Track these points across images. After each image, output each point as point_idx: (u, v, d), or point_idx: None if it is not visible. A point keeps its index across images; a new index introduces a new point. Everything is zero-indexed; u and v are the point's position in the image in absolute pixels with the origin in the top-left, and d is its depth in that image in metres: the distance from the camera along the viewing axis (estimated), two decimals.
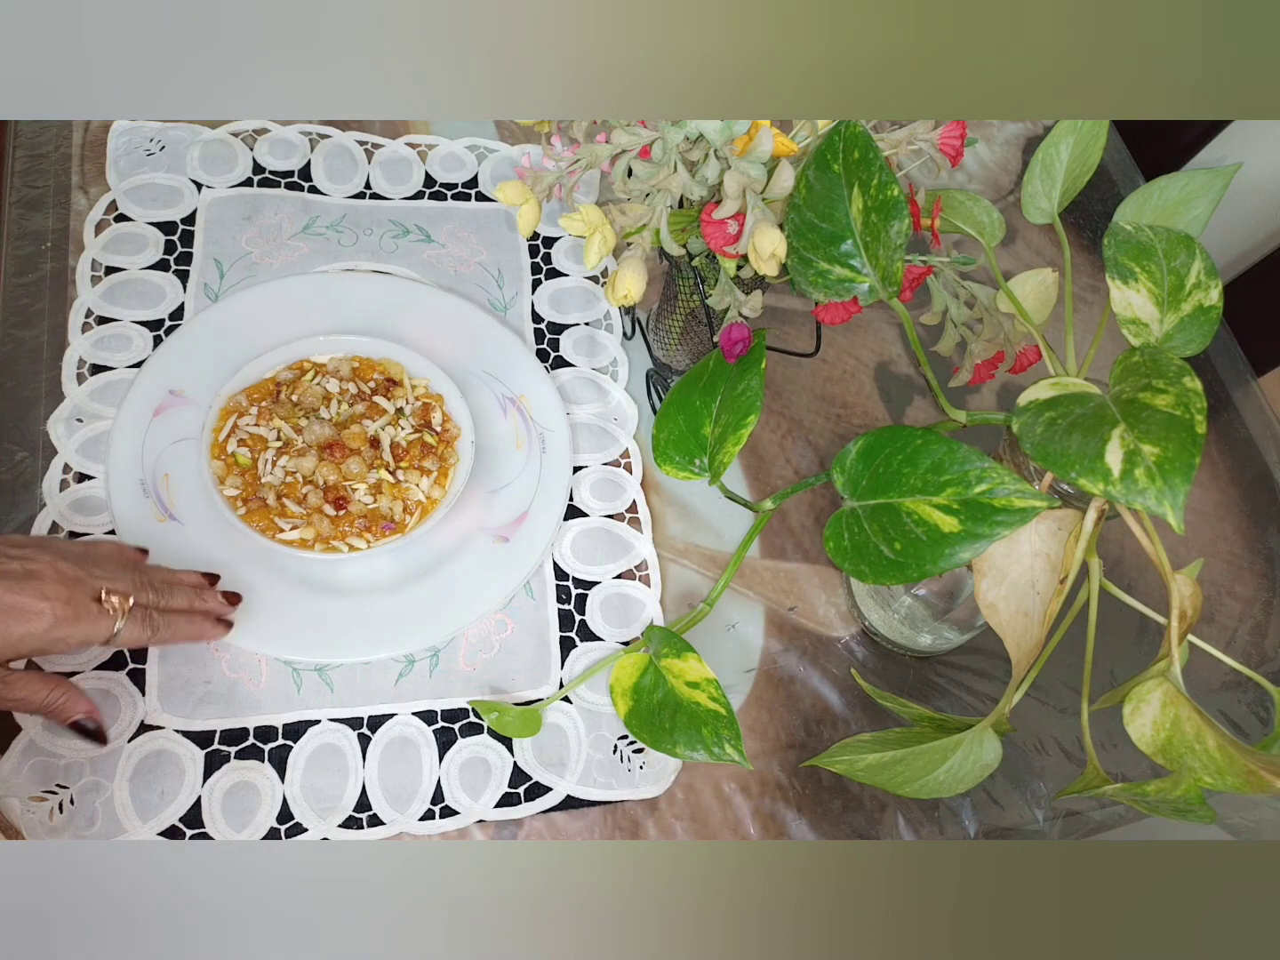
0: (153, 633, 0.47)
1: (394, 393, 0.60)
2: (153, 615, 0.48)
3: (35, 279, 0.62)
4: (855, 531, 0.44)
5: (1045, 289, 0.55)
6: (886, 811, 0.57)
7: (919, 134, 0.50)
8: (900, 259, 0.45)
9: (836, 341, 0.74)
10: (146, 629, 0.47)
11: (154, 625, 0.48)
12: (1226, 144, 0.85)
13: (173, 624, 0.49)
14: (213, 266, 0.65)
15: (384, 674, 0.55)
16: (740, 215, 0.47)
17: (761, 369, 0.51)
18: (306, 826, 0.50)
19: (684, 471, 0.53)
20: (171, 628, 0.49)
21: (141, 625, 0.47)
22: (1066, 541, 0.43)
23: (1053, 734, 0.61)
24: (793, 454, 0.68)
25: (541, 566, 0.60)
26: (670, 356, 0.66)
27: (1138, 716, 0.41)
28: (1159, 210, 0.53)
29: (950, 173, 0.85)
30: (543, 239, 0.72)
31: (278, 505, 0.55)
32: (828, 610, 0.63)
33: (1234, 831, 0.60)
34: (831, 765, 0.48)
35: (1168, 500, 0.35)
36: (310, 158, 0.71)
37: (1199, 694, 0.65)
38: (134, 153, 0.67)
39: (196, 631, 0.50)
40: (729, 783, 0.56)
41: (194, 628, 0.50)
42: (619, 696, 0.51)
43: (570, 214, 0.48)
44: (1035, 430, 0.39)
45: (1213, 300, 0.45)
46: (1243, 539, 0.73)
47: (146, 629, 0.47)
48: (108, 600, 0.46)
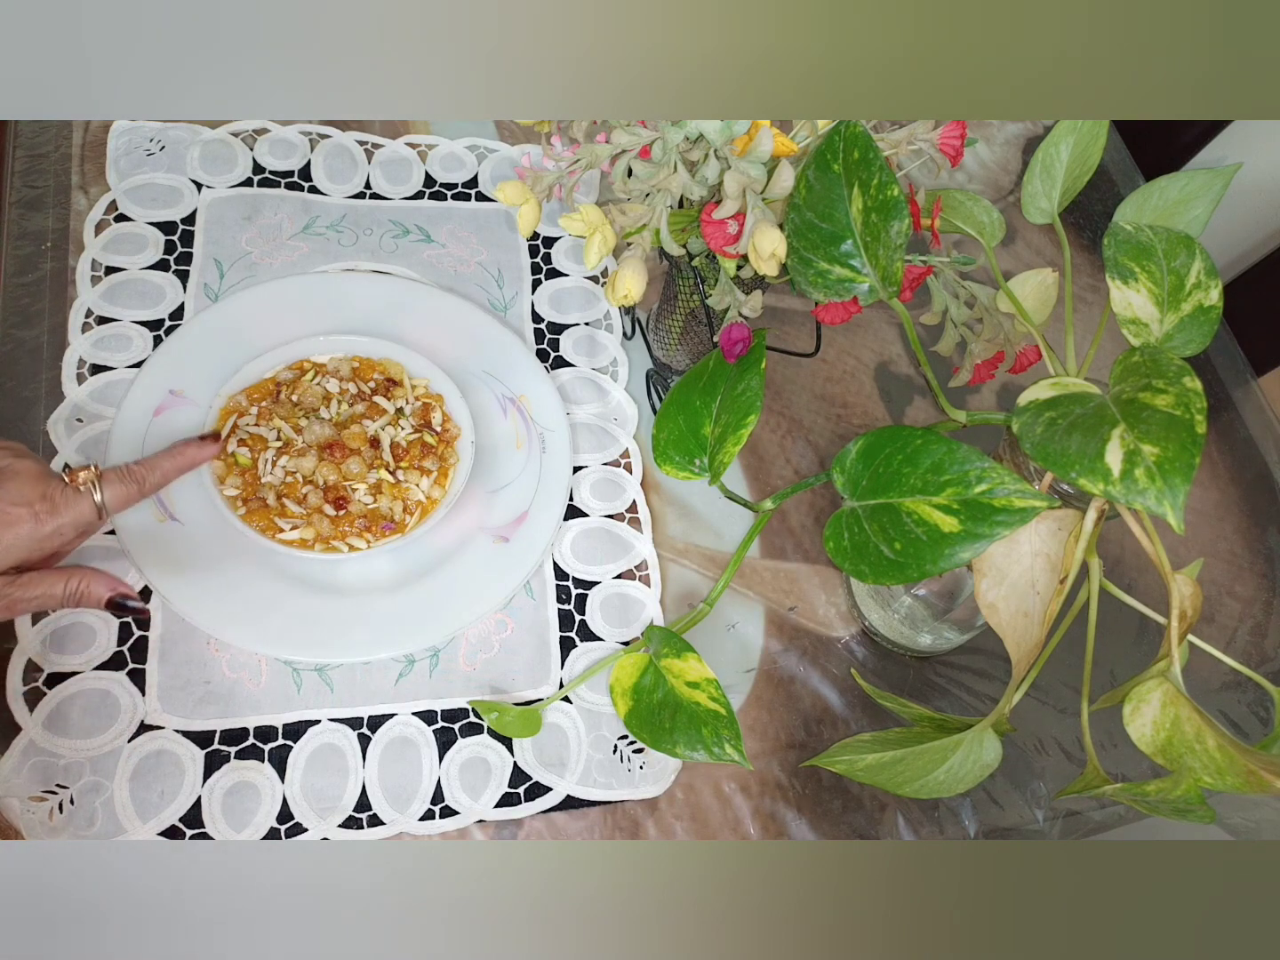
0: (139, 484, 0.46)
1: (394, 393, 0.60)
2: (129, 468, 0.47)
3: (35, 279, 0.62)
4: (855, 531, 0.44)
5: (1045, 289, 0.55)
6: (886, 811, 0.57)
7: (919, 134, 0.50)
8: (900, 259, 0.45)
9: (836, 341, 0.74)
10: (130, 482, 0.46)
11: (138, 475, 0.46)
12: (1226, 144, 0.85)
13: (157, 465, 0.48)
14: (213, 266, 0.65)
15: (384, 674, 0.55)
16: (740, 215, 0.47)
17: (761, 369, 0.51)
18: (306, 826, 0.50)
19: (684, 471, 0.53)
20: (157, 469, 0.48)
21: (123, 481, 0.46)
22: (1066, 541, 0.43)
23: (1053, 734, 0.61)
24: (793, 454, 0.68)
25: (541, 566, 0.60)
26: (670, 356, 0.66)
27: (1138, 716, 0.41)
28: (1159, 210, 0.53)
29: (950, 173, 0.85)
30: (543, 239, 0.72)
31: (278, 505, 0.55)
32: (828, 610, 0.63)
33: (1234, 831, 0.60)
34: (831, 765, 0.48)
35: (1168, 500, 0.35)
36: (310, 158, 0.71)
37: (1199, 694, 0.65)
38: (134, 153, 0.68)
39: (185, 461, 0.49)
40: (729, 783, 0.56)
41: (181, 459, 0.49)
42: (619, 696, 0.51)
43: (570, 214, 0.48)
44: (1035, 430, 0.40)
45: (1213, 300, 0.45)
46: (1243, 539, 0.73)
47: (130, 482, 0.46)
48: (73, 478, 0.45)
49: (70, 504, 0.44)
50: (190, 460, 0.49)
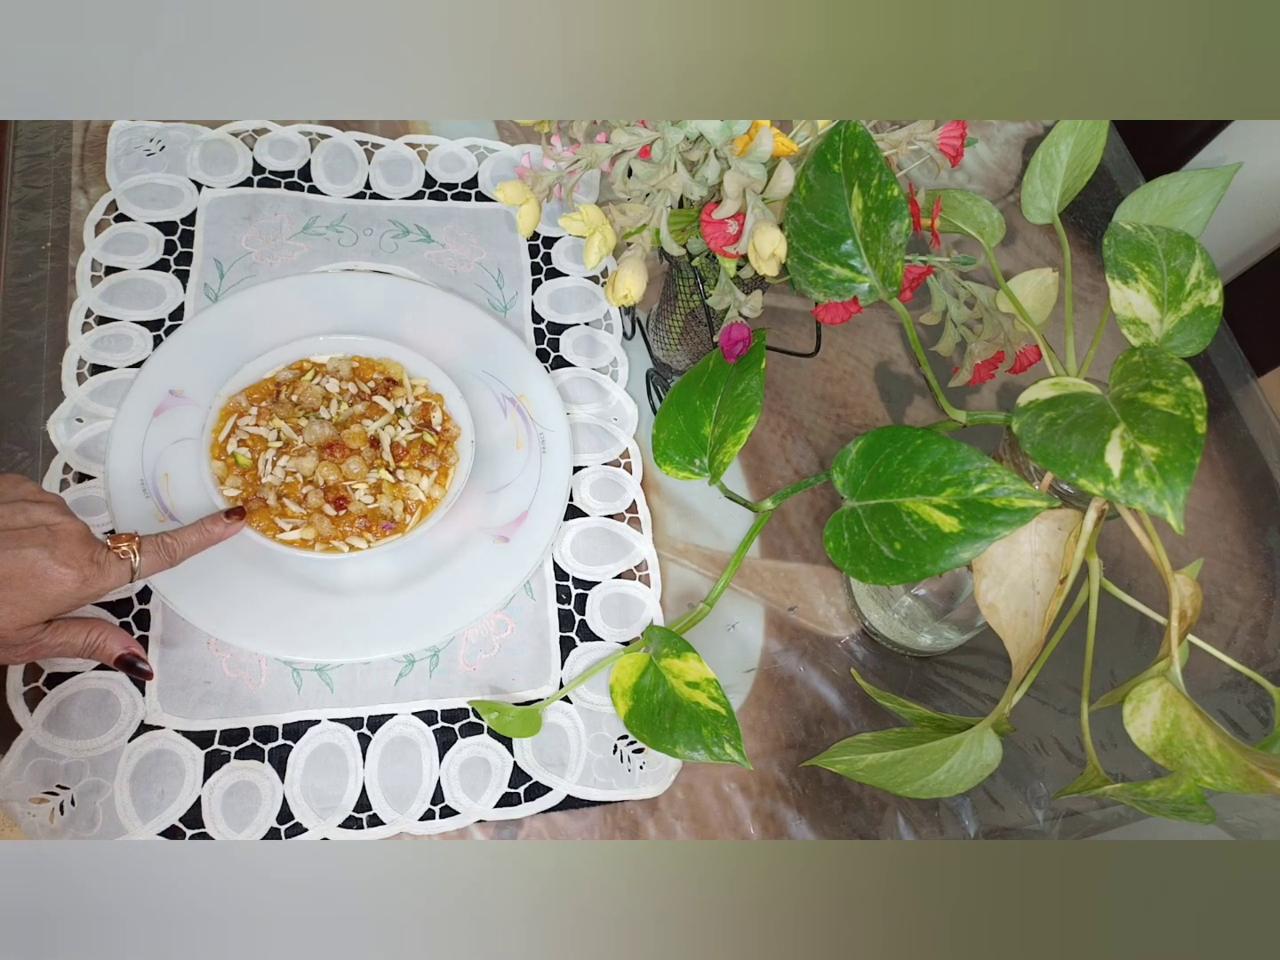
0: (169, 555, 0.50)
1: (394, 392, 0.60)
2: (164, 540, 0.50)
3: (35, 279, 0.62)
4: (855, 531, 0.44)
5: (1045, 289, 0.55)
6: (886, 811, 0.57)
7: (919, 134, 0.50)
8: (900, 259, 0.45)
9: (836, 341, 0.74)
10: (163, 553, 0.49)
11: (169, 547, 0.50)
12: (1226, 144, 0.85)
13: (185, 539, 0.51)
14: (213, 266, 0.65)
15: (384, 674, 0.55)
16: (740, 215, 0.47)
17: (761, 369, 0.51)
18: (306, 826, 0.50)
19: (684, 471, 0.53)
20: (185, 542, 0.51)
21: (157, 552, 0.49)
22: (1066, 541, 0.43)
23: (1053, 734, 0.61)
24: (793, 454, 0.68)
25: (541, 566, 0.60)
26: (670, 356, 0.66)
27: (1138, 716, 0.41)
28: (1159, 210, 0.53)
29: (950, 173, 0.85)
30: (543, 239, 0.72)
31: (278, 505, 0.55)
32: (828, 610, 0.63)
33: (1234, 831, 0.60)
34: (831, 765, 0.48)
35: (1168, 500, 0.35)
36: (310, 158, 0.71)
37: (1199, 694, 0.65)
38: (134, 153, 0.67)
39: (212, 538, 0.52)
40: (729, 783, 0.56)
41: (208, 536, 0.52)
42: (619, 696, 0.51)
43: (570, 214, 0.48)
44: (1035, 430, 0.39)
45: (1213, 300, 0.45)
46: (1243, 539, 0.73)
47: (163, 553, 0.49)
48: (116, 546, 0.48)
49: (113, 570, 0.47)
50: (217, 538, 0.52)
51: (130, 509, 0.55)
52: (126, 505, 0.55)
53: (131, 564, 0.48)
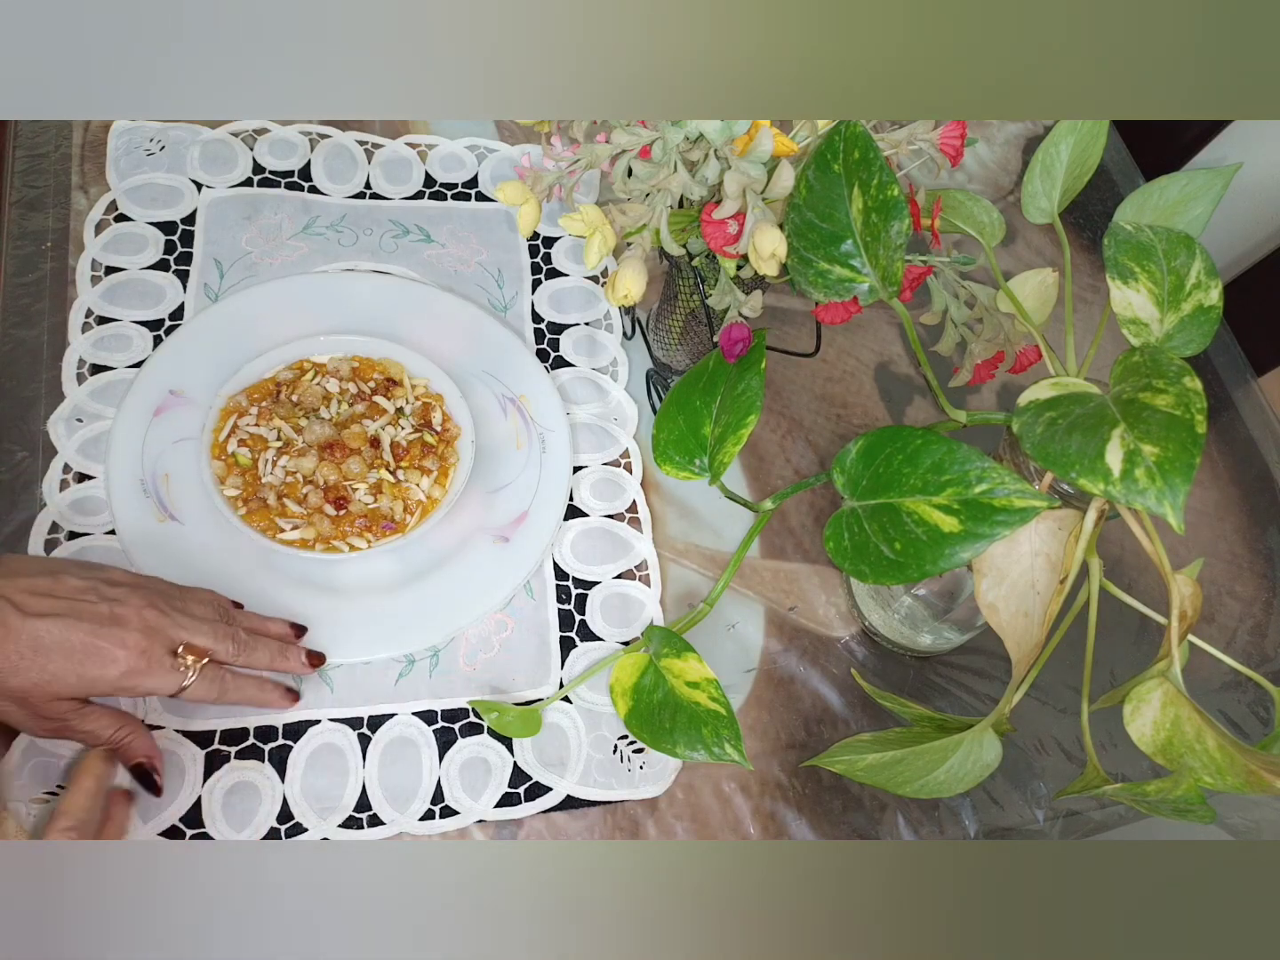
0: (220, 694, 0.48)
1: (394, 392, 0.60)
2: (225, 676, 0.48)
3: (35, 279, 0.62)
4: (855, 531, 0.44)
5: (1045, 289, 0.55)
6: (886, 811, 0.57)
7: (919, 134, 0.50)
8: (900, 259, 0.45)
9: (836, 341, 0.74)
10: (215, 688, 0.48)
11: (223, 687, 0.48)
12: (1226, 144, 0.85)
13: (242, 688, 0.49)
14: (213, 266, 0.65)
15: (384, 674, 0.55)
16: (740, 215, 0.47)
17: (761, 369, 0.51)
18: (306, 826, 0.50)
19: (684, 471, 0.53)
20: (240, 691, 0.49)
21: (211, 684, 0.47)
22: (1066, 541, 0.43)
23: (1053, 734, 0.61)
24: (793, 454, 0.68)
25: (541, 566, 0.60)
26: (670, 356, 0.66)
27: (1138, 716, 0.41)
28: (1159, 210, 0.53)
29: (950, 173, 0.85)
30: (543, 239, 0.72)
31: (278, 505, 0.55)
32: (828, 610, 0.63)
33: (1234, 831, 0.60)
34: (831, 765, 0.48)
35: (1168, 500, 0.35)
36: (310, 158, 0.71)
37: (1199, 694, 0.65)
38: (134, 153, 0.67)
39: (263, 699, 0.51)
40: (729, 783, 0.56)
41: (262, 695, 0.50)
42: (619, 696, 0.51)
43: (570, 214, 0.48)
44: (1035, 430, 0.39)
45: (1213, 300, 0.45)
46: (1243, 539, 0.73)
47: (215, 688, 0.48)
48: (183, 657, 0.46)
49: (160, 673, 0.45)
50: (270, 707, 0.51)
51: (130, 509, 0.55)
52: (126, 505, 0.55)
53: (183, 681, 0.46)
